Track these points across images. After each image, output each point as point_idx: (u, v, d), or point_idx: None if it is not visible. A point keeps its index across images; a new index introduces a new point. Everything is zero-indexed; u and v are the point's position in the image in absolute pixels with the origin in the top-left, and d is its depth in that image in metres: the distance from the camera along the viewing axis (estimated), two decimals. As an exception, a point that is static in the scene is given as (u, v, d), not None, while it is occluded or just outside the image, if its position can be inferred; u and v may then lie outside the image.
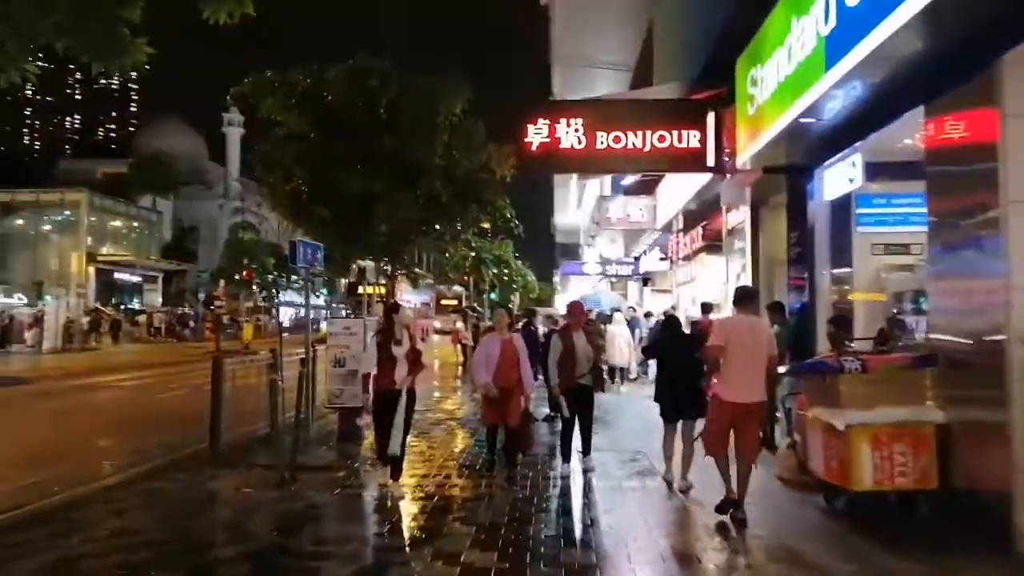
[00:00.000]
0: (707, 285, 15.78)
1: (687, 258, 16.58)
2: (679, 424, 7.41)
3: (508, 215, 12.57)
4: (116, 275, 54.24)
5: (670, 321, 8.64)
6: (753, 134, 8.87)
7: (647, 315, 17.97)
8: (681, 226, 17.43)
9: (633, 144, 12.04)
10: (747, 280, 12.03)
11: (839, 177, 8.31)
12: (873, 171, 8.20)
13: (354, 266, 17.53)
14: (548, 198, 43.13)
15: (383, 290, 18.71)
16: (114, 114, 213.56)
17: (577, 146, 12.13)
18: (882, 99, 6.81)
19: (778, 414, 8.65)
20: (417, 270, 20.21)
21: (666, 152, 12.04)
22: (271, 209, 12.36)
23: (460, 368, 22.94)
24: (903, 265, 8.79)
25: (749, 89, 8.86)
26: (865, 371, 6.02)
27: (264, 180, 12.39)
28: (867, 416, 5.85)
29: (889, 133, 7.60)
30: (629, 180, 19.57)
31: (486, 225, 12.74)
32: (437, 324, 28.07)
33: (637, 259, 26.77)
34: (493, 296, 45.47)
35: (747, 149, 9.18)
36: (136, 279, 56.77)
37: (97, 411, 13.38)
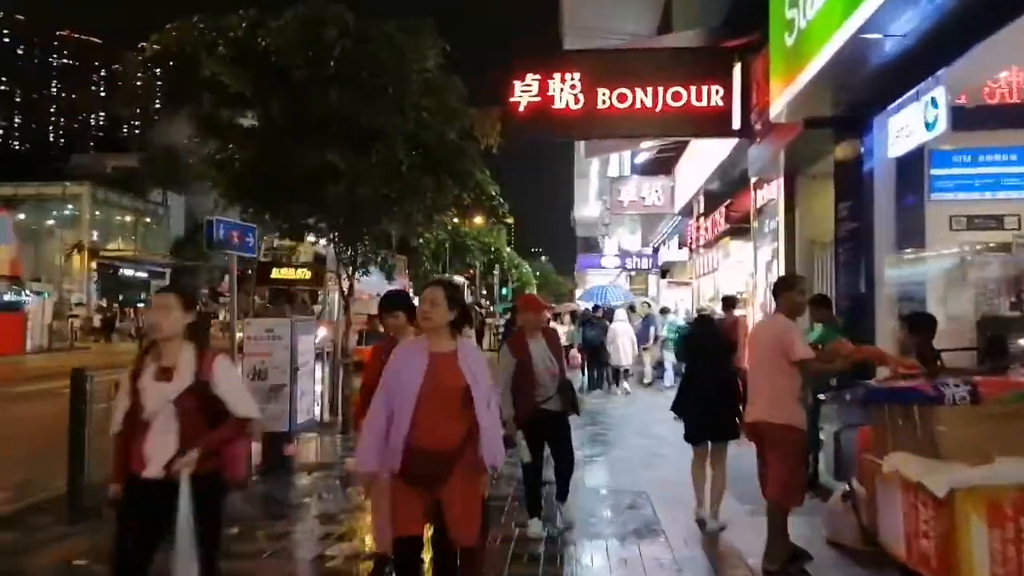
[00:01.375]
0: (731, 275, 13.56)
1: (708, 245, 14.38)
2: (709, 446, 6.02)
3: (492, 192, 10.48)
4: (122, 271, 53.03)
5: (702, 321, 7.32)
6: (792, 73, 6.70)
7: (663, 311, 15.78)
8: (702, 209, 15.22)
9: (642, 103, 9.89)
10: (780, 268, 9.82)
11: (909, 125, 6.10)
12: (955, 118, 6.01)
13: (265, 243, 15.49)
14: (568, 188, 41.18)
15: (305, 274, 16.65)
16: (138, 110, 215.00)
17: (574, 106, 10.00)
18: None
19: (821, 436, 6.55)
20: (395, 257, 17.97)
21: (682, 113, 9.87)
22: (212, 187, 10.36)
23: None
24: (995, 244, 6.58)
25: (787, 12, 6.68)
26: (977, 401, 3.85)
27: (200, 151, 10.44)
28: (983, 474, 3.69)
29: (980, 62, 5.44)
30: (643, 158, 17.36)
31: (467, 202, 10.62)
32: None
33: (656, 250, 24.58)
34: (505, 292, 43.39)
35: (783, 95, 7.00)
36: (142, 275, 55.49)
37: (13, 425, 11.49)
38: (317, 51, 9.59)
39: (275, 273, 20.56)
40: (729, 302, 10.32)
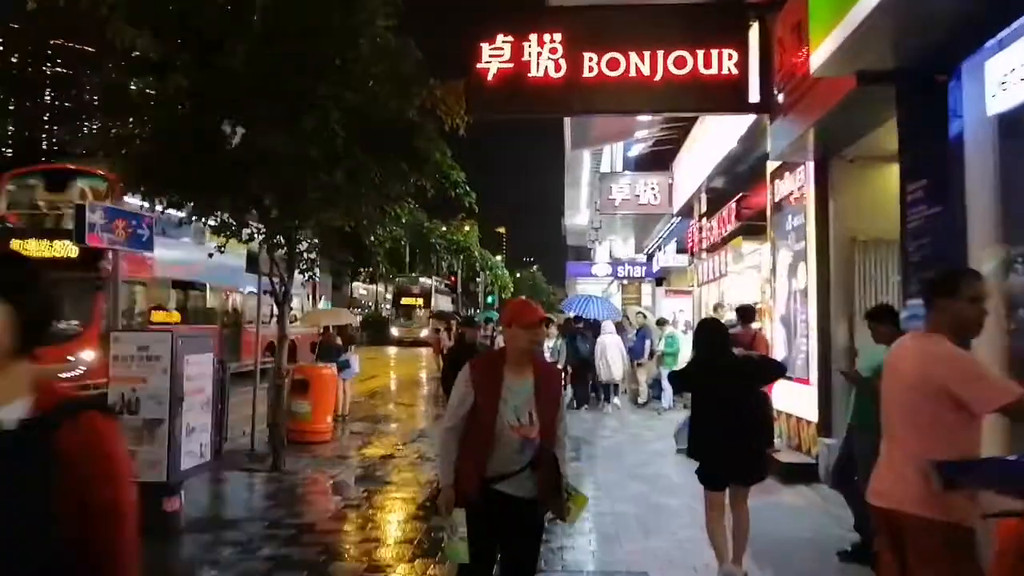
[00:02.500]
0: (742, 281, 11.76)
1: (713, 248, 12.55)
2: (727, 491, 4.81)
3: (456, 178, 8.61)
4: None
5: (708, 331, 5.20)
6: (842, 8, 4.91)
7: (661, 323, 13.93)
8: (704, 208, 13.42)
9: (637, 71, 8.08)
10: (809, 273, 8.00)
11: (1020, 68, 4.28)
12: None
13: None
14: (559, 197, 39.30)
15: (64, 250, 12.57)
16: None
17: (554, 74, 8.17)
18: None
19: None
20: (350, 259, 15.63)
21: (687, 83, 8.06)
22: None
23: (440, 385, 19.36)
24: None
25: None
26: None
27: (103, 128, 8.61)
28: None
29: None
30: (638, 151, 15.57)
31: (429, 191, 8.75)
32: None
33: (650, 257, 22.79)
34: (491, 299, 41.34)
35: (830, 39, 5.20)
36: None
37: None
38: (236, 5, 7.74)
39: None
40: (746, 313, 8.47)
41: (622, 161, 17.64)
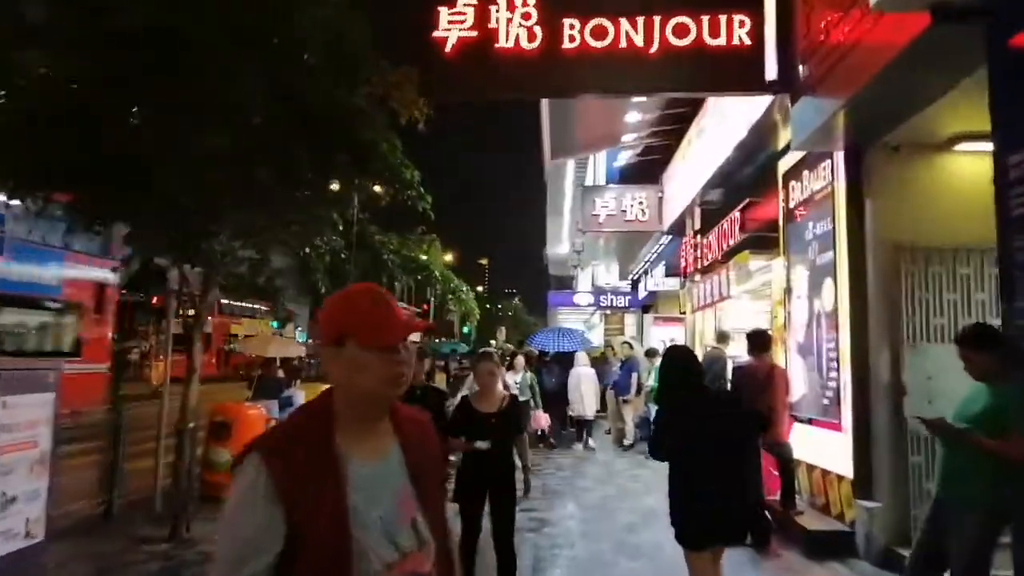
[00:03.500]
0: (746, 306, 10.21)
1: (710, 268, 11.01)
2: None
3: (408, 176, 6.99)
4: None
5: (680, 360, 4.19)
6: None
7: (649, 354, 12.31)
8: (698, 224, 11.91)
9: (629, 41, 6.58)
10: (840, 290, 6.44)
11: None
12: None
13: None
14: (542, 225, 37.92)
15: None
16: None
17: (527, 44, 6.65)
18: None
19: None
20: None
21: (689, 55, 6.57)
22: None
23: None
24: None
25: None
26: None
27: None
28: None
29: None
30: (625, 161, 14.07)
31: (382, 195, 7.16)
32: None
33: (635, 283, 21.28)
34: (467, 330, 39.42)
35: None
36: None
37: None
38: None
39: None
40: (759, 341, 6.82)
41: (606, 175, 16.16)
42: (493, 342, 47.16)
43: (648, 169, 13.57)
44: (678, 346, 4.92)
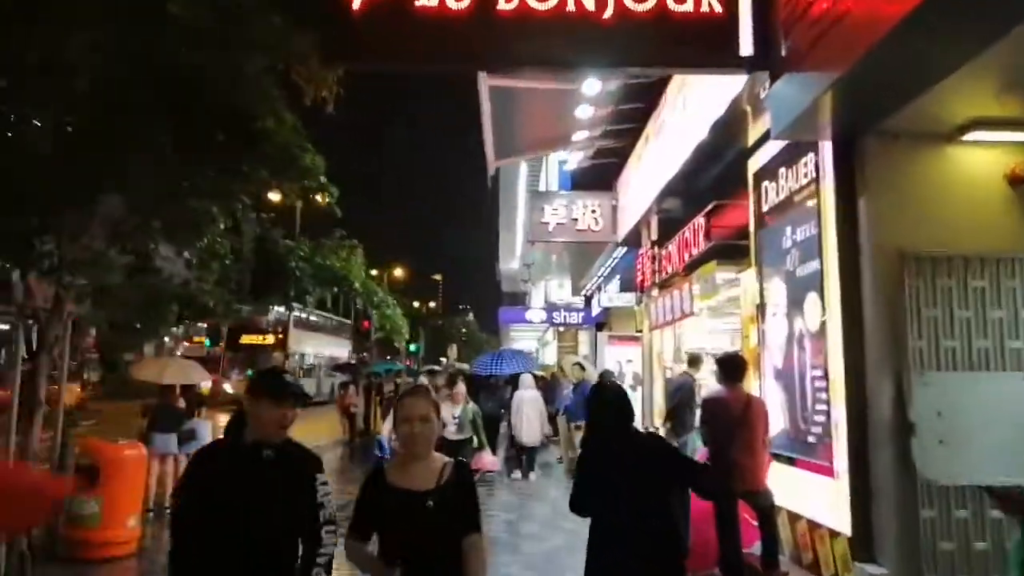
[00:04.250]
0: (711, 325, 9.17)
1: (668, 283, 9.95)
2: None
3: (309, 162, 5.72)
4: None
5: (611, 397, 3.74)
6: None
7: (604, 376, 11.18)
8: (655, 234, 10.86)
9: (578, 3, 5.44)
10: (829, 306, 5.37)
11: None
12: None
13: None
14: (494, 241, 36.78)
15: None
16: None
17: (453, 3, 5.47)
18: None
19: None
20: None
21: (650, 22, 5.46)
22: None
23: (348, 449, 16.15)
24: None
25: None
26: None
27: None
28: None
29: None
30: (576, 165, 12.96)
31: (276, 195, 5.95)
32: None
33: (588, 299, 20.24)
34: (413, 348, 37.92)
35: None
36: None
37: None
38: None
39: None
40: (732, 366, 5.65)
41: (558, 182, 15.05)
42: (443, 359, 45.49)
43: (602, 174, 12.52)
44: (607, 382, 4.41)
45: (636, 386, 11.69)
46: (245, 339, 29.22)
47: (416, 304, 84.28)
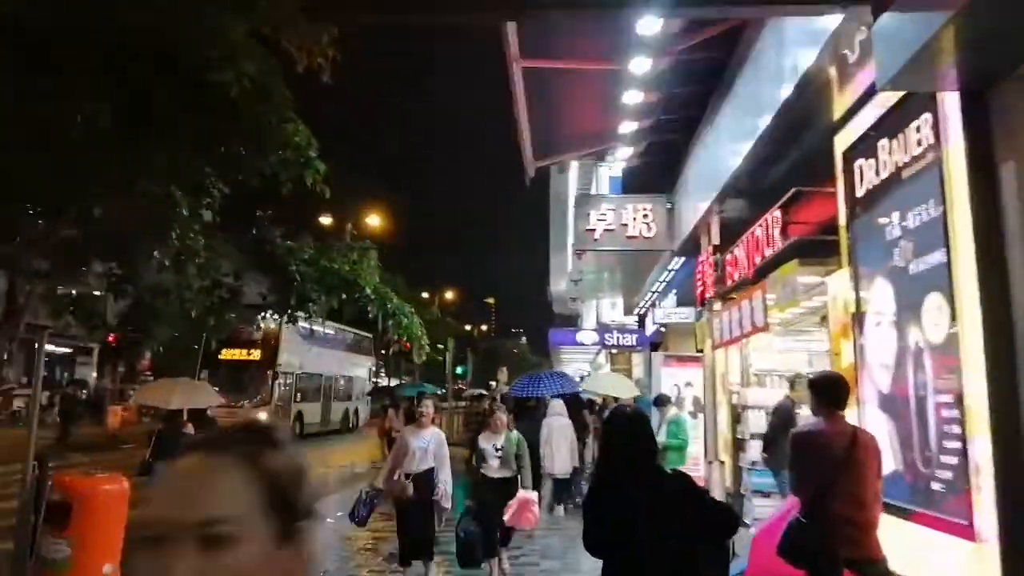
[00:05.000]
0: (781, 344, 7.80)
1: (733, 293, 8.62)
2: None
3: (296, 140, 4.73)
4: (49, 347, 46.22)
5: (625, 428, 3.28)
6: None
7: (660, 402, 9.87)
8: (717, 238, 9.55)
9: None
10: (960, 311, 4.03)
11: None
12: None
13: None
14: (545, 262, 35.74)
15: None
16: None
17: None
18: None
19: None
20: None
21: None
22: None
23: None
24: None
25: None
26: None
27: None
28: None
29: None
30: (624, 166, 11.72)
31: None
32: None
33: (642, 318, 18.91)
34: (460, 371, 36.70)
35: None
36: (64, 350, 48.72)
37: None
38: None
39: None
40: (831, 390, 4.32)
41: (609, 188, 13.80)
42: (493, 383, 44.29)
43: (654, 175, 11.29)
44: (625, 407, 3.75)
45: (697, 413, 10.31)
46: (226, 354, 22.44)
47: (468, 327, 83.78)
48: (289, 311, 8.51)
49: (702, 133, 9.20)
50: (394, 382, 39.29)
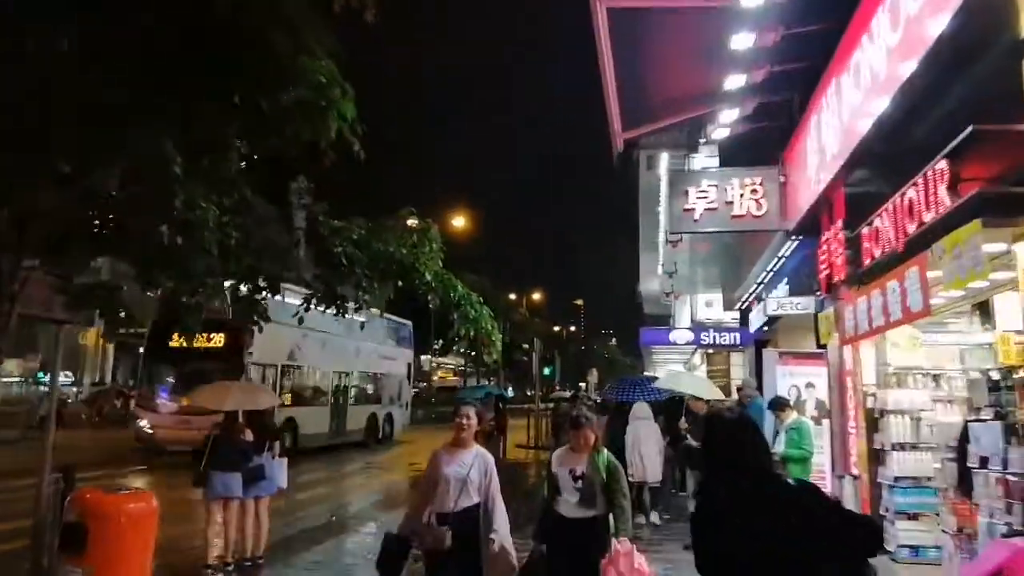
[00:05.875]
0: (928, 337, 6.23)
1: (868, 276, 7.10)
2: None
3: (313, 66, 3.76)
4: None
5: (728, 434, 2.79)
6: None
7: (777, 405, 8.38)
8: (843, 212, 7.99)
9: None
10: None
11: None
12: None
13: None
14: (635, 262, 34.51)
15: None
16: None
17: None
18: None
19: None
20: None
21: None
22: None
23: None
24: None
25: None
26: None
27: None
28: None
29: None
30: (726, 133, 10.19)
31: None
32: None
33: (744, 313, 17.21)
34: (547, 372, 35.41)
35: None
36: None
37: None
38: None
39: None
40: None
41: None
42: (583, 385, 42.94)
43: (763, 143, 9.78)
44: (725, 411, 3.38)
45: (821, 418, 8.76)
46: (177, 341, 16.52)
47: (556, 328, 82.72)
48: (338, 302, 7.37)
49: (825, 86, 7.68)
50: (477, 384, 37.79)
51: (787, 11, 7.03)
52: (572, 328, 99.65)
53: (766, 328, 13.18)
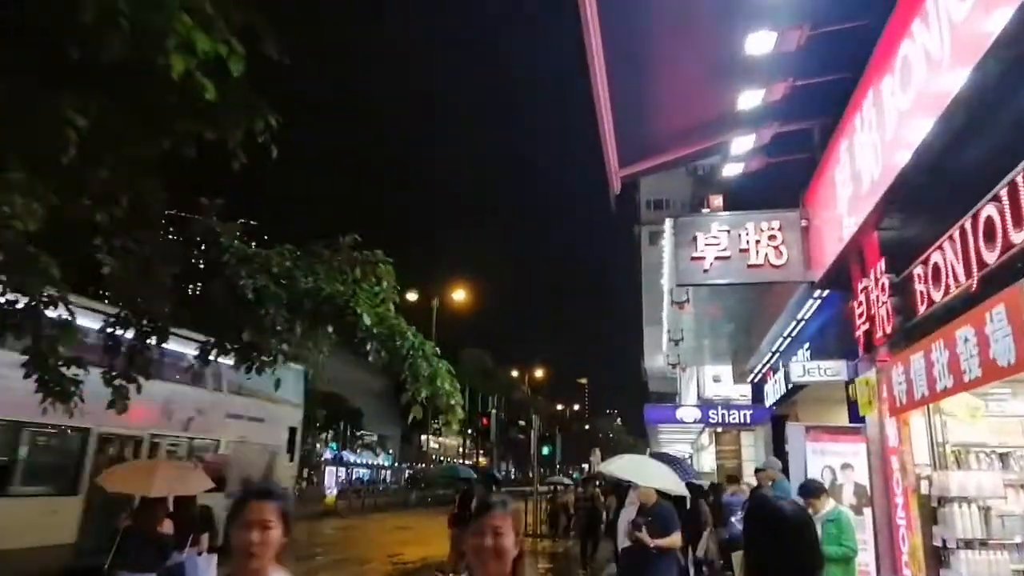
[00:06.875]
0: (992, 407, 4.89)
1: (930, 322, 5.77)
2: None
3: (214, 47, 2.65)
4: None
5: (772, 531, 2.33)
6: None
7: (811, 491, 6.88)
8: (882, 260, 6.72)
9: None
10: None
11: None
12: None
13: None
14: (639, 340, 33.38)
15: None
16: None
17: None
18: None
19: None
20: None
21: None
22: None
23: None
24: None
25: None
26: None
27: None
28: None
29: None
30: (738, 170, 8.98)
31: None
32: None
33: (758, 387, 15.83)
34: (546, 451, 33.65)
35: None
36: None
37: None
38: None
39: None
40: None
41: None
42: (586, 466, 40.99)
43: (782, 181, 8.61)
44: (772, 499, 2.40)
45: (862, 507, 7.25)
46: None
47: (560, 407, 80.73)
48: (236, 349, 5.75)
49: (860, 100, 6.51)
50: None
51: (815, 10, 5.88)
52: (576, 407, 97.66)
53: (783, 402, 11.71)
